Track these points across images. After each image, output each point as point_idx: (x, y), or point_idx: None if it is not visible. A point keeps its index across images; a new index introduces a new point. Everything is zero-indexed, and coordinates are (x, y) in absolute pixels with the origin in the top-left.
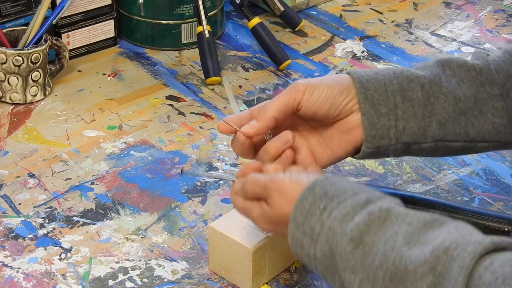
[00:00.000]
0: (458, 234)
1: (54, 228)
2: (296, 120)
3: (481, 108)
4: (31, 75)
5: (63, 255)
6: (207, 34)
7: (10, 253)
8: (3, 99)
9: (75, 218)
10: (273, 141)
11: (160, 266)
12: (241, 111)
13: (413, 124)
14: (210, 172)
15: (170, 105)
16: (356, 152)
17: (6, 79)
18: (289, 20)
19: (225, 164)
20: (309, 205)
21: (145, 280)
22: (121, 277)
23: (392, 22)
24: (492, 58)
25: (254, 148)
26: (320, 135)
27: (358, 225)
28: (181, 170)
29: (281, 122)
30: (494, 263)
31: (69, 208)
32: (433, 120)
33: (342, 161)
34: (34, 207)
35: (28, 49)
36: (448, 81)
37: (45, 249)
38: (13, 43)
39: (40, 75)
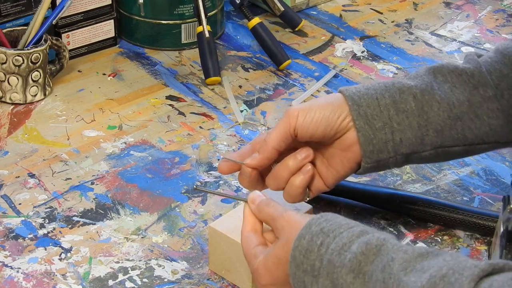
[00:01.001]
0: (454, 260)
1: (54, 228)
2: (297, 145)
3: (476, 111)
4: (31, 75)
5: (63, 255)
6: (207, 34)
7: (10, 253)
8: (3, 99)
9: (75, 218)
10: (292, 156)
11: (160, 266)
12: (241, 111)
13: (410, 135)
14: (224, 192)
15: (170, 105)
16: (359, 168)
17: (6, 79)
18: (289, 20)
19: None
20: (306, 243)
21: (145, 280)
22: (121, 277)
23: (392, 22)
24: (484, 59)
25: (262, 179)
26: (322, 156)
27: (355, 255)
28: (195, 186)
29: (283, 150)
30: (494, 284)
31: (69, 208)
32: (429, 128)
33: None
34: (34, 207)
35: (28, 49)
36: (440, 87)
37: (45, 249)
38: (13, 43)
39: (40, 75)
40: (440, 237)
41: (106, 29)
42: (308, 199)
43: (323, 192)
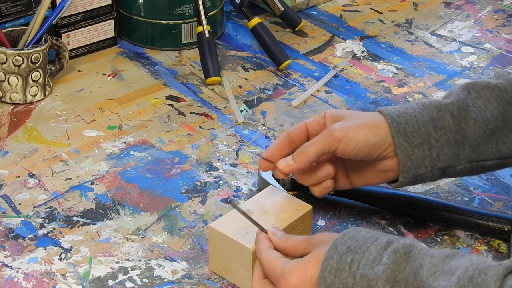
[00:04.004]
0: (479, 260)
1: (54, 228)
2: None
3: (509, 125)
4: (31, 75)
5: (63, 255)
6: (207, 34)
7: (10, 253)
8: (3, 99)
9: (75, 218)
10: (314, 171)
11: (160, 266)
12: (241, 111)
13: (447, 151)
14: (253, 216)
15: (170, 105)
16: (392, 180)
17: (6, 79)
18: (289, 20)
19: (225, 164)
20: (336, 262)
21: (145, 280)
22: (121, 277)
23: (392, 22)
24: None
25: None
26: (355, 166)
27: (388, 265)
28: (228, 199)
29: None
30: None
31: (69, 208)
32: (465, 144)
33: None
34: (34, 207)
35: (28, 49)
36: (474, 104)
37: (45, 249)
38: (13, 43)
39: (40, 75)
40: (440, 237)
41: (106, 29)
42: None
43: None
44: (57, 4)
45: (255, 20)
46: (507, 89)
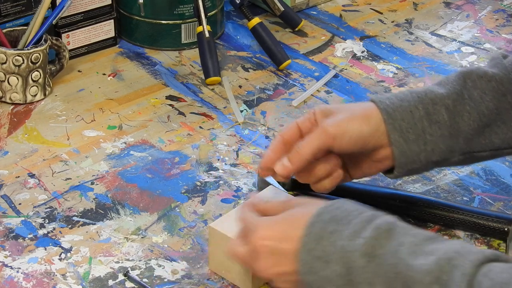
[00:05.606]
0: (460, 246)
1: (54, 228)
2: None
3: (503, 118)
4: (31, 75)
5: (63, 255)
6: (207, 34)
7: (10, 253)
8: (3, 99)
9: (75, 218)
10: (321, 164)
11: (160, 266)
12: (241, 111)
13: (441, 145)
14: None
15: (170, 105)
16: (387, 169)
17: (6, 79)
18: (289, 20)
19: (225, 164)
20: (318, 229)
21: (145, 280)
22: (121, 277)
23: (392, 22)
24: (510, 61)
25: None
26: (351, 159)
27: (367, 239)
28: (126, 273)
29: None
30: (493, 270)
31: (69, 208)
32: (459, 137)
33: None
34: (34, 207)
35: (28, 49)
36: (470, 95)
37: (45, 249)
38: (13, 43)
39: (40, 75)
40: None
41: (106, 29)
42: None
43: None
44: (57, 4)
45: (255, 20)
46: (503, 80)
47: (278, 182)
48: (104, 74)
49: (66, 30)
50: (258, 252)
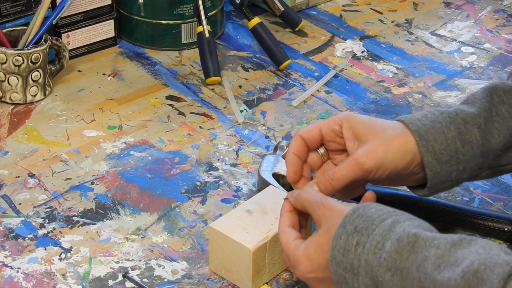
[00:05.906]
0: (486, 254)
1: (54, 228)
2: None
3: None
4: (31, 75)
5: (63, 255)
6: (207, 34)
7: (10, 253)
8: (3, 99)
9: (75, 218)
10: (348, 187)
11: (160, 266)
12: (241, 111)
13: (472, 164)
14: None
15: (170, 105)
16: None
17: (6, 79)
18: (289, 20)
19: (225, 164)
20: (343, 242)
21: (145, 280)
22: (121, 277)
23: (392, 22)
24: None
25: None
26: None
27: (390, 253)
28: (124, 274)
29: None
30: None
31: (69, 208)
32: (490, 154)
33: None
34: (34, 207)
35: (28, 49)
36: (498, 111)
37: (45, 249)
38: (13, 43)
39: (40, 75)
40: None
41: (106, 29)
42: None
43: None
44: (57, 4)
45: (255, 20)
46: None
47: (278, 182)
48: (104, 74)
49: (66, 30)
50: (308, 283)
